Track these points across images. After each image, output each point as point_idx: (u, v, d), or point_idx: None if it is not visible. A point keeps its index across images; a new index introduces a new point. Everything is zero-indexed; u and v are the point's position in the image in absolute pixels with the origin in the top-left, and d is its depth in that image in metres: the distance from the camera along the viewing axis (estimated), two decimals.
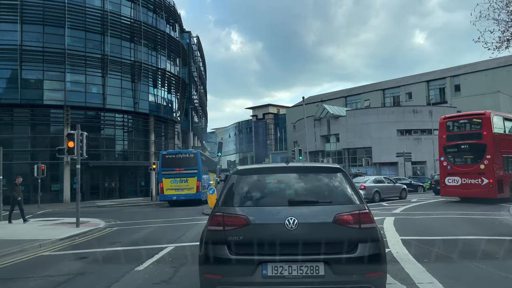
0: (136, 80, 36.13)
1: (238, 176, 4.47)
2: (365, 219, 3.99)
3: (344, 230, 3.92)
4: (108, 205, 29.19)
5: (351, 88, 69.27)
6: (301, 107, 70.38)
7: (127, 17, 35.59)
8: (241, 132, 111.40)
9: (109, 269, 7.09)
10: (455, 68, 56.29)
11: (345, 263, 3.80)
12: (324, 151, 48.60)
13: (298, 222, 3.88)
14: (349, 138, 46.57)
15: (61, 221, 14.84)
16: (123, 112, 35.96)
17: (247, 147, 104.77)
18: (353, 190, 4.25)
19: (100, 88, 33.91)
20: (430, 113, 43.95)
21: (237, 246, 3.92)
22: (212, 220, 4.13)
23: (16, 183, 15.30)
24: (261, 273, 3.79)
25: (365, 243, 3.89)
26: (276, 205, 4.15)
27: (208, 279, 3.98)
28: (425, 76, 58.34)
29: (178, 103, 43.70)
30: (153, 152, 38.23)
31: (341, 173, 4.39)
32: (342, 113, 48.13)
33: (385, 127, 44.71)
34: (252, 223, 3.96)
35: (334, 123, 48.02)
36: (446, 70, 56.73)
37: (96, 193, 34.52)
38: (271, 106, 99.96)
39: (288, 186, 4.47)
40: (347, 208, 4.04)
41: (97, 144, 34.77)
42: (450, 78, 52.78)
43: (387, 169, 44.65)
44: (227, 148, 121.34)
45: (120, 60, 34.83)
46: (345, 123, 46.93)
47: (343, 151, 47.92)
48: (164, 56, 39.87)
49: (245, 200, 4.28)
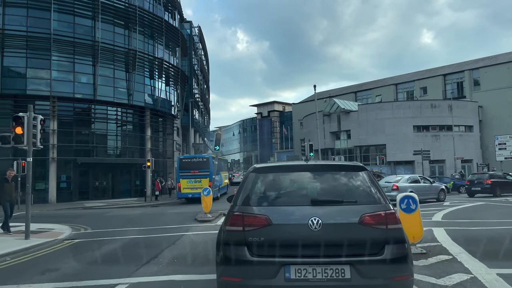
0: (131, 70, 33.10)
1: (256, 174, 4.30)
2: (392, 220, 3.82)
3: (371, 231, 3.74)
4: (95, 207, 26.21)
5: (361, 84, 65.82)
6: (308, 103, 67.31)
7: (120, 0, 32.54)
8: (245, 130, 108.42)
9: None
10: (473, 62, 52.79)
11: (372, 265, 3.62)
12: (334, 148, 45.29)
13: (322, 223, 3.73)
14: (361, 134, 43.23)
15: (18, 229, 11.77)
16: (116, 105, 32.92)
17: (252, 146, 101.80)
18: (378, 190, 4.06)
19: (91, 77, 30.88)
20: (449, 107, 40.59)
21: (258, 247, 3.75)
22: (230, 220, 3.96)
23: (6, 177, 11.66)
24: (283, 276, 3.62)
25: (392, 244, 3.71)
26: (298, 204, 3.96)
27: (227, 282, 3.81)
28: (440, 70, 54.88)
29: (177, 97, 40.64)
30: (149, 148, 35.20)
31: (364, 172, 4.22)
32: (353, 107, 44.80)
33: (401, 123, 41.36)
34: (274, 223, 3.80)
35: (345, 118, 44.67)
36: (464, 64, 53.22)
37: (86, 193, 31.50)
38: (276, 103, 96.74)
39: (310, 185, 4.27)
40: (373, 208, 3.86)
41: (87, 139, 31.84)
42: (469, 72, 49.28)
43: (402, 169, 41.29)
44: (231, 147, 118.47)
45: (112, 47, 31.78)
46: (356, 119, 43.58)
47: (354, 148, 44.57)
48: (161, 45, 36.83)
49: (265, 199, 4.12)
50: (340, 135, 46.26)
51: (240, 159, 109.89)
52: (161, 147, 39.06)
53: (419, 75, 56.17)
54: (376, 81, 62.93)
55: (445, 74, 52.13)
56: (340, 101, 46.15)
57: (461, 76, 50.39)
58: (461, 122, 41.35)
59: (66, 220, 15.38)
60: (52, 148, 29.05)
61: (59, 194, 29.58)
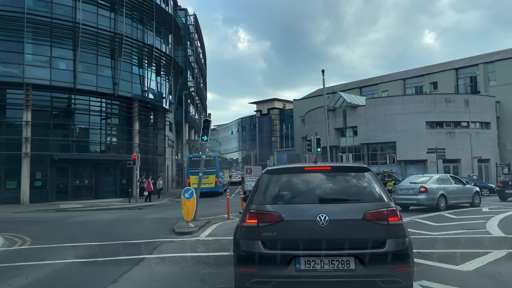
0: (116, 56, 29.80)
1: (269, 175, 4.63)
2: (393, 216, 4.11)
3: (373, 227, 4.04)
4: (71, 209, 22.93)
5: (366, 79, 62.46)
6: (310, 99, 63.92)
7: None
8: (244, 129, 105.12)
9: None
10: (486, 55, 49.51)
11: (375, 257, 3.90)
12: (339, 146, 41.93)
13: (329, 219, 4.03)
14: (369, 131, 39.89)
15: None
16: (100, 95, 29.61)
17: (251, 145, 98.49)
18: (381, 189, 4.38)
19: (70, 63, 27.55)
20: (465, 102, 37.29)
21: (271, 241, 4.05)
22: (246, 216, 4.26)
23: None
24: (294, 267, 3.94)
25: (393, 238, 4.00)
26: (307, 202, 4.26)
27: (244, 273, 4.11)
28: (451, 64, 51.58)
29: (170, 89, 37.34)
30: (137, 144, 31.90)
31: (368, 173, 4.54)
32: (360, 102, 41.44)
33: (412, 118, 38.04)
34: (285, 219, 4.11)
35: (351, 114, 41.31)
36: (476, 58, 49.93)
37: (64, 192, 28.16)
38: (277, 100, 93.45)
39: (318, 184, 4.53)
40: (375, 205, 4.16)
41: (66, 133, 28.56)
42: (483, 65, 45.96)
43: (413, 168, 38.04)
44: (229, 146, 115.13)
45: (96, 31, 28.49)
46: (364, 114, 40.20)
47: (361, 146, 41.21)
48: (151, 30, 33.51)
49: (277, 198, 4.41)
50: (345, 132, 42.89)
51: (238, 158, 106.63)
52: (152, 143, 35.74)
53: (428, 69, 52.88)
54: (382, 77, 59.58)
55: (457, 68, 48.80)
56: (346, 94, 42.78)
57: (475, 70, 47.07)
58: (477, 118, 38.06)
59: (14, 227, 12.17)
60: (25, 141, 25.75)
61: (33, 193, 26.28)
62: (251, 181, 15.64)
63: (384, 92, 53.38)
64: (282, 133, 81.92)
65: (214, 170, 30.01)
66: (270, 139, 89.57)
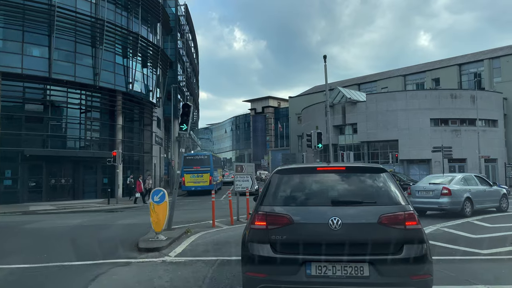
0: (98, 44, 27.26)
1: (279, 175, 4.37)
2: (410, 220, 3.83)
3: (389, 231, 3.78)
4: (41, 211, 20.42)
5: (364, 76, 60.26)
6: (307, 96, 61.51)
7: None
8: (238, 127, 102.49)
9: None
10: (490, 51, 47.49)
11: (391, 264, 3.66)
12: (338, 144, 39.55)
13: (342, 222, 3.78)
14: (370, 128, 37.57)
15: None
16: (80, 86, 27.02)
17: (245, 144, 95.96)
18: (398, 191, 4.10)
19: (45, 50, 24.99)
20: (472, 98, 35.11)
21: (281, 245, 3.83)
22: (255, 218, 4.04)
23: None
24: (305, 273, 3.71)
25: (411, 244, 3.74)
26: (319, 205, 4.03)
27: (252, 277, 3.90)
28: (454, 60, 49.48)
29: (158, 82, 34.80)
30: (121, 140, 29.38)
31: (384, 174, 4.27)
32: (361, 98, 39.11)
33: (416, 115, 35.78)
34: (296, 222, 3.88)
35: (350, 110, 38.97)
36: (480, 53, 47.90)
37: (38, 192, 25.57)
38: (271, 98, 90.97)
39: (330, 186, 4.29)
40: (392, 208, 3.90)
41: (40, 127, 25.90)
42: (488, 61, 43.89)
43: (416, 168, 35.88)
44: (223, 145, 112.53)
45: (74, 15, 25.90)
46: (364, 110, 37.87)
47: (361, 144, 38.89)
48: (137, 18, 30.98)
49: (287, 199, 4.16)
50: (344, 129, 40.56)
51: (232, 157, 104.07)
52: (137, 139, 33.18)
53: (430, 65, 50.76)
54: (381, 73, 57.37)
55: (461, 64, 46.71)
56: (346, 90, 40.45)
57: (479, 66, 44.99)
58: (484, 115, 35.90)
59: None
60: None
61: (2, 194, 23.72)
62: (242, 180, 13.17)
63: (383, 89, 51.11)
64: (277, 132, 79.55)
65: (208, 168, 30.55)
66: (264, 138, 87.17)
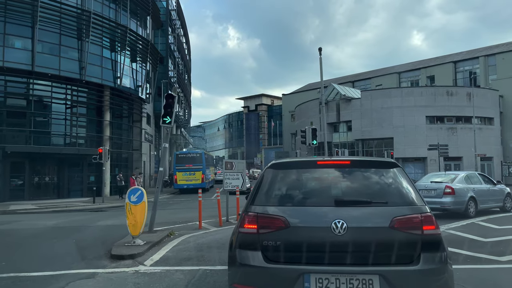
0: (84, 37, 26.20)
1: (273, 170, 3.73)
2: (428, 224, 3.22)
3: (404, 237, 3.15)
4: (20, 210, 19.41)
5: (358, 73, 59.63)
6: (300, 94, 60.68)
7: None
8: (231, 125, 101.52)
9: None
10: (486, 49, 47.07)
11: (405, 277, 3.05)
12: (332, 142, 38.84)
13: (347, 226, 3.18)
14: (364, 126, 36.89)
15: None
16: (64, 80, 25.93)
17: (238, 142, 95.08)
18: (412, 189, 3.47)
19: (28, 42, 23.89)
20: (468, 96, 34.59)
21: (274, 252, 3.27)
22: (244, 221, 3.45)
23: None
24: (302, 286, 3.14)
25: (429, 252, 3.12)
26: (319, 205, 3.43)
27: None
28: (449, 57, 49.00)
29: (147, 77, 33.76)
30: (108, 137, 28.36)
31: (397, 169, 3.62)
32: (355, 94, 38.42)
33: (411, 112, 35.16)
34: (292, 225, 3.30)
35: (345, 107, 38.24)
36: (475, 51, 47.44)
37: (20, 191, 24.50)
38: (265, 96, 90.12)
39: (333, 183, 3.66)
40: (406, 210, 3.26)
41: (23, 122, 24.78)
42: (483, 58, 43.45)
43: (412, 167, 35.24)
44: (215, 143, 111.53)
45: (59, 6, 24.79)
46: (359, 107, 37.16)
47: (355, 142, 38.20)
48: (126, 10, 29.93)
49: (283, 198, 3.57)
50: (339, 126, 39.85)
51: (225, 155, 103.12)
52: (126, 136, 32.15)
53: (425, 63, 50.24)
54: (375, 70, 56.77)
55: (456, 61, 46.23)
56: (340, 86, 39.75)
57: (474, 63, 44.53)
58: (480, 113, 35.36)
59: None
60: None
61: None
62: (232, 178, 12.33)
63: (378, 87, 50.56)
64: (270, 130, 78.79)
65: (200, 166, 30.76)
66: (257, 136, 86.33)
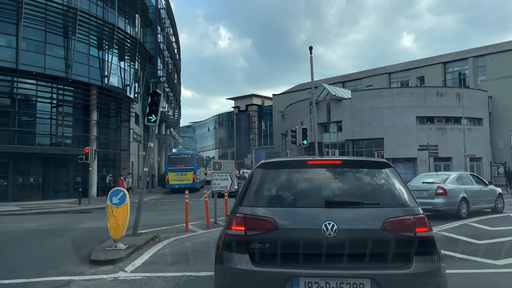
0: (70, 34, 25.65)
1: (263, 170, 3.63)
2: (421, 226, 3.16)
3: (396, 239, 3.09)
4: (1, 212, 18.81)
5: (349, 74, 59.68)
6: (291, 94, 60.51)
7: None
8: (222, 126, 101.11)
9: None
10: (475, 50, 47.37)
11: (397, 280, 2.99)
12: (322, 142, 38.72)
13: (337, 228, 3.12)
14: (355, 126, 36.81)
15: None
16: (50, 79, 25.34)
17: (228, 142, 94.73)
18: (405, 190, 3.40)
19: (12, 39, 23.30)
20: (458, 96, 34.68)
21: (262, 255, 3.19)
22: (231, 222, 3.34)
23: None
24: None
25: (422, 256, 3.07)
26: (310, 206, 3.33)
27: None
28: (439, 58, 49.23)
29: (136, 76, 33.24)
30: (95, 137, 27.82)
31: (389, 169, 3.55)
32: (346, 95, 38.31)
33: (402, 113, 35.16)
34: (281, 227, 3.20)
35: (335, 107, 38.13)
36: (464, 52, 47.73)
37: (4, 191, 23.87)
38: (255, 96, 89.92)
39: (324, 183, 3.59)
40: (398, 211, 3.21)
41: (6, 121, 24.15)
42: (473, 59, 43.70)
43: (402, 167, 35.17)
44: (205, 143, 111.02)
45: (44, 3, 24.20)
46: (349, 108, 37.07)
47: (345, 142, 38.11)
48: (114, 8, 29.42)
49: (272, 199, 3.48)
50: (329, 127, 39.71)
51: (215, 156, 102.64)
52: (113, 136, 31.60)
53: (415, 64, 50.42)
54: (366, 71, 56.84)
55: (445, 62, 46.46)
56: (330, 87, 39.62)
57: (463, 64, 44.78)
58: (469, 113, 35.45)
59: None
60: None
61: None
62: (220, 179, 12.00)
63: (368, 87, 50.59)
64: (261, 130, 78.58)
65: (192, 167, 31.81)
66: (248, 137, 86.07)
